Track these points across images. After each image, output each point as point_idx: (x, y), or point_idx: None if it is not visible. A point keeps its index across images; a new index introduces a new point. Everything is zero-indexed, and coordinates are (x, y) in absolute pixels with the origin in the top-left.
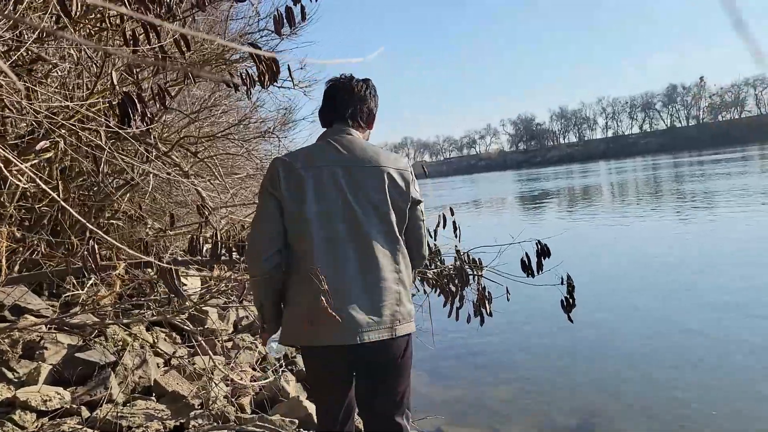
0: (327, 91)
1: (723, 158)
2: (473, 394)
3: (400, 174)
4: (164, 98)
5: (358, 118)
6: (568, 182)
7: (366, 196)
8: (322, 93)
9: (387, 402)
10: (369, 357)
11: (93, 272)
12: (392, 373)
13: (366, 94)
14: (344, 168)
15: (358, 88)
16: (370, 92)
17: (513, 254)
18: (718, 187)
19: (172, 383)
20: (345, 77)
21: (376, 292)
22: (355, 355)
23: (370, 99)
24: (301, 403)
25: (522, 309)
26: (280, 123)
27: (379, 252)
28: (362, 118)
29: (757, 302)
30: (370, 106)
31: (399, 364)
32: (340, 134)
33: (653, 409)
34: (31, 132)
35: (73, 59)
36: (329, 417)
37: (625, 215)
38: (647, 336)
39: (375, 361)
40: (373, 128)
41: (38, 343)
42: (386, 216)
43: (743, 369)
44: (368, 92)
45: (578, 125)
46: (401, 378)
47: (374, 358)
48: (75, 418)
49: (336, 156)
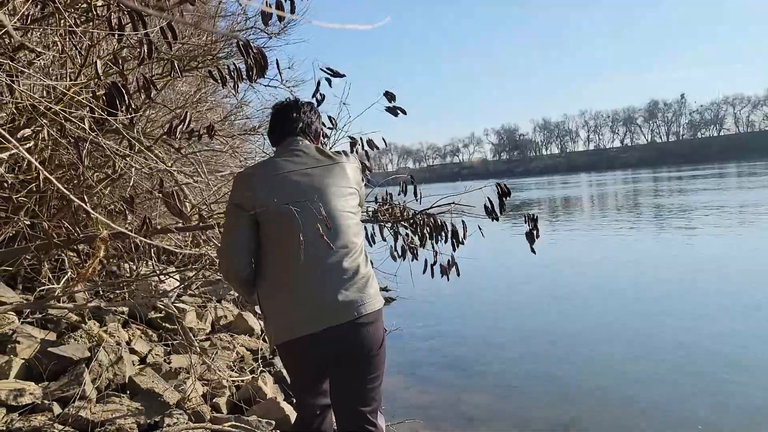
0: (275, 113)
1: (701, 174)
2: (451, 398)
3: (353, 167)
4: (150, 90)
5: (307, 132)
6: (549, 193)
7: (327, 191)
8: (270, 117)
9: (358, 397)
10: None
11: (79, 242)
12: (363, 363)
13: (310, 113)
14: (303, 171)
15: (304, 109)
16: (314, 112)
17: None
18: (694, 203)
19: (147, 381)
20: (291, 101)
21: (343, 279)
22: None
23: (315, 119)
24: (278, 404)
25: (501, 316)
26: (266, 121)
27: (344, 240)
28: (310, 133)
29: (732, 312)
30: (316, 125)
31: (369, 352)
32: (296, 144)
33: (632, 417)
34: (11, 120)
35: (58, 48)
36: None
37: (603, 227)
38: (627, 343)
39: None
40: (319, 143)
41: (10, 337)
42: (348, 205)
43: (722, 374)
44: (312, 112)
45: (561, 137)
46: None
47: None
48: (46, 414)
49: (296, 162)
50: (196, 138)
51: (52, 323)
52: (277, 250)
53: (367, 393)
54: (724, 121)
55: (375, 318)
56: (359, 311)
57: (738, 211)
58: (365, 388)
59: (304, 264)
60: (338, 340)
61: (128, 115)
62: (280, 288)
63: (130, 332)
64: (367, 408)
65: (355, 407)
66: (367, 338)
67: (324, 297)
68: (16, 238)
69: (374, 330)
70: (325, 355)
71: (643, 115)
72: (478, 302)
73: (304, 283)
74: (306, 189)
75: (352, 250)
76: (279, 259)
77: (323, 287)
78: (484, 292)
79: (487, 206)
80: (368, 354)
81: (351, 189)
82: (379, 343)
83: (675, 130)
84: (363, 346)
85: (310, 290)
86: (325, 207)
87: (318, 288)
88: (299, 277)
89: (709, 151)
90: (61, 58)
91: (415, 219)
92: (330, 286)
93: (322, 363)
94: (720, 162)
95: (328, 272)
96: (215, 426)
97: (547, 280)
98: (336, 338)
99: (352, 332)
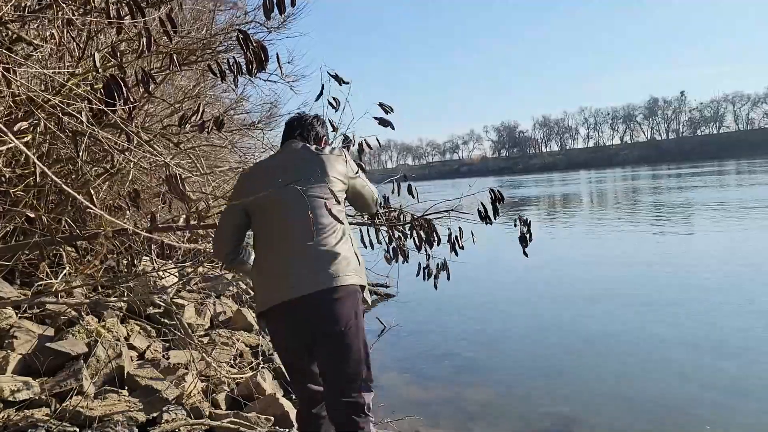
0: (285, 126)
1: (700, 171)
2: (451, 394)
3: (335, 158)
4: (149, 83)
5: (305, 135)
6: (549, 190)
7: (302, 180)
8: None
9: (338, 372)
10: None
11: (80, 239)
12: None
13: (313, 121)
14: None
15: (308, 119)
16: (318, 121)
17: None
18: (692, 200)
19: (145, 377)
20: (299, 115)
21: (312, 256)
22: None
23: (317, 125)
24: (277, 401)
25: (500, 314)
26: (265, 117)
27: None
28: (309, 137)
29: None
30: (317, 131)
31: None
32: (287, 145)
33: (632, 413)
34: (8, 114)
35: (55, 40)
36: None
37: (601, 224)
38: (627, 339)
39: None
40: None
41: (8, 332)
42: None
43: (725, 370)
44: (315, 120)
45: (560, 134)
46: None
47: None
48: (44, 410)
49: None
50: (197, 131)
51: (50, 318)
52: (261, 232)
53: (346, 368)
54: (724, 119)
55: (344, 293)
56: (326, 284)
57: (737, 209)
58: (343, 364)
59: (279, 244)
60: (306, 310)
61: (127, 106)
62: (261, 266)
63: (128, 328)
64: (350, 384)
65: (336, 384)
66: (335, 311)
67: (292, 271)
68: (15, 233)
69: (341, 304)
70: (297, 326)
71: (643, 112)
72: (477, 299)
73: (277, 261)
74: (285, 178)
75: (324, 230)
76: (262, 241)
77: (293, 263)
78: (484, 289)
79: (481, 211)
80: (338, 329)
81: (330, 177)
82: (348, 317)
83: (675, 128)
84: (331, 319)
85: (282, 266)
86: (297, 194)
87: (289, 264)
88: (275, 256)
89: (709, 149)
90: (59, 50)
91: (413, 224)
92: (299, 262)
93: (298, 335)
94: (720, 159)
95: (299, 252)
96: (214, 422)
97: (546, 277)
98: (304, 307)
99: (318, 303)
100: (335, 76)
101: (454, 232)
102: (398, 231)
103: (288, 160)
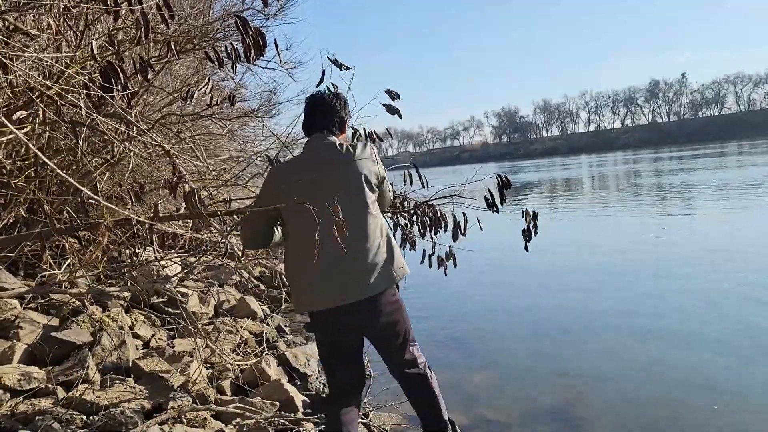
0: (306, 106)
1: (702, 153)
2: (454, 378)
3: (368, 160)
4: (147, 72)
5: (332, 128)
6: (550, 174)
7: (346, 182)
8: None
9: (397, 355)
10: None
11: (81, 230)
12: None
13: (336, 105)
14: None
15: (332, 103)
16: (341, 103)
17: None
18: (692, 182)
19: (150, 365)
20: (320, 95)
21: (355, 266)
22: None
23: (341, 109)
24: (282, 386)
25: (503, 299)
26: (264, 104)
27: (361, 224)
28: (335, 126)
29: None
30: (341, 115)
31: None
32: (319, 142)
33: (638, 401)
34: (7, 105)
35: (52, 30)
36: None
37: (604, 208)
38: (631, 324)
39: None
40: (345, 132)
41: (13, 323)
42: (364, 193)
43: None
44: (338, 104)
45: (561, 119)
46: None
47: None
48: (50, 398)
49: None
50: (207, 107)
51: (55, 309)
52: (299, 233)
53: (403, 348)
54: (725, 100)
55: (390, 294)
56: (375, 290)
57: (738, 190)
58: (400, 348)
59: (322, 250)
60: (359, 314)
61: (125, 96)
62: (301, 269)
63: (132, 317)
64: (408, 357)
65: (397, 367)
66: (386, 314)
67: (341, 278)
68: (17, 224)
69: (390, 307)
70: (347, 330)
71: (644, 95)
72: (480, 284)
73: (321, 267)
74: (324, 186)
75: (368, 236)
76: (301, 242)
77: (340, 270)
78: (487, 274)
79: (488, 198)
80: (386, 326)
81: (367, 181)
82: (397, 318)
83: (676, 110)
84: (385, 324)
85: (327, 272)
86: (340, 202)
87: (335, 270)
88: (317, 264)
89: (711, 131)
90: (56, 40)
91: (416, 210)
92: (347, 270)
93: (347, 338)
94: (721, 141)
95: (341, 260)
96: (220, 408)
97: (549, 263)
98: (357, 312)
99: (369, 308)
100: (335, 61)
101: (459, 218)
102: (402, 217)
103: (324, 162)
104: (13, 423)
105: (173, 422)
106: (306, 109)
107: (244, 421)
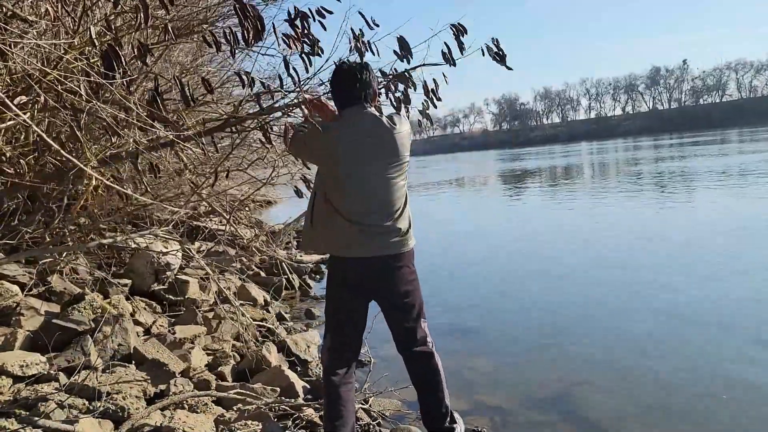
0: (336, 77)
1: (702, 140)
2: (453, 364)
3: (404, 134)
4: (145, 56)
5: (369, 99)
6: (549, 162)
7: (386, 151)
8: (332, 77)
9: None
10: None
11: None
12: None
13: (369, 78)
14: (365, 133)
15: (366, 77)
16: (371, 75)
17: None
18: (692, 169)
19: (152, 351)
20: (347, 65)
21: (386, 220)
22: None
23: (372, 81)
24: (282, 372)
25: (502, 285)
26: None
27: (392, 190)
28: (370, 96)
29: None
30: (373, 86)
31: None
32: (357, 116)
33: (637, 388)
34: (6, 92)
35: (50, 16)
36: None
37: (603, 195)
38: (631, 312)
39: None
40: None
41: (14, 309)
42: (400, 163)
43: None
44: (370, 76)
45: (562, 106)
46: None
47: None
48: (52, 384)
49: (365, 127)
50: (197, 104)
51: (56, 296)
52: (334, 191)
53: (416, 323)
54: (727, 87)
55: (403, 259)
56: (387, 250)
57: (737, 176)
58: (414, 322)
59: (352, 213)
60: (376, 268)
61: (124, 83)
62: (332, 220)
63: (133, 304)
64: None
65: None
66: (395, 277)
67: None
68: (18, 211)
69: (404, 271)
70: (362, 281)
71: (645, 82)
72: (479, 270)
73: (350, 226)
74: (368, 150)
75: (394, 206)
76: (334, 200)
77: (363, 228)
78: (485, 261)
79: (444, 52)
80: (403, 294)
81: (403, 156)
82: (411, 284)
83: (677, 97)
84: (395, 286)
85: (354, 230)
86: (379, 167)
87: (360, 231)
88: (347, 221)
89: (712, 117)
90: (54, 26)
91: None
92: (369, 228)
93: (352, 288)
94: (722, 128)
95: (368, 216)
96: (220, 393)
97: (549, 250)
98: (374, 265)
99: (378, 268)
100: (322, 10)
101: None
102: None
103: (368, 132)
104: (15, 408)
105: (174, 408)
106: (339, 82)
107: (245, 407)
